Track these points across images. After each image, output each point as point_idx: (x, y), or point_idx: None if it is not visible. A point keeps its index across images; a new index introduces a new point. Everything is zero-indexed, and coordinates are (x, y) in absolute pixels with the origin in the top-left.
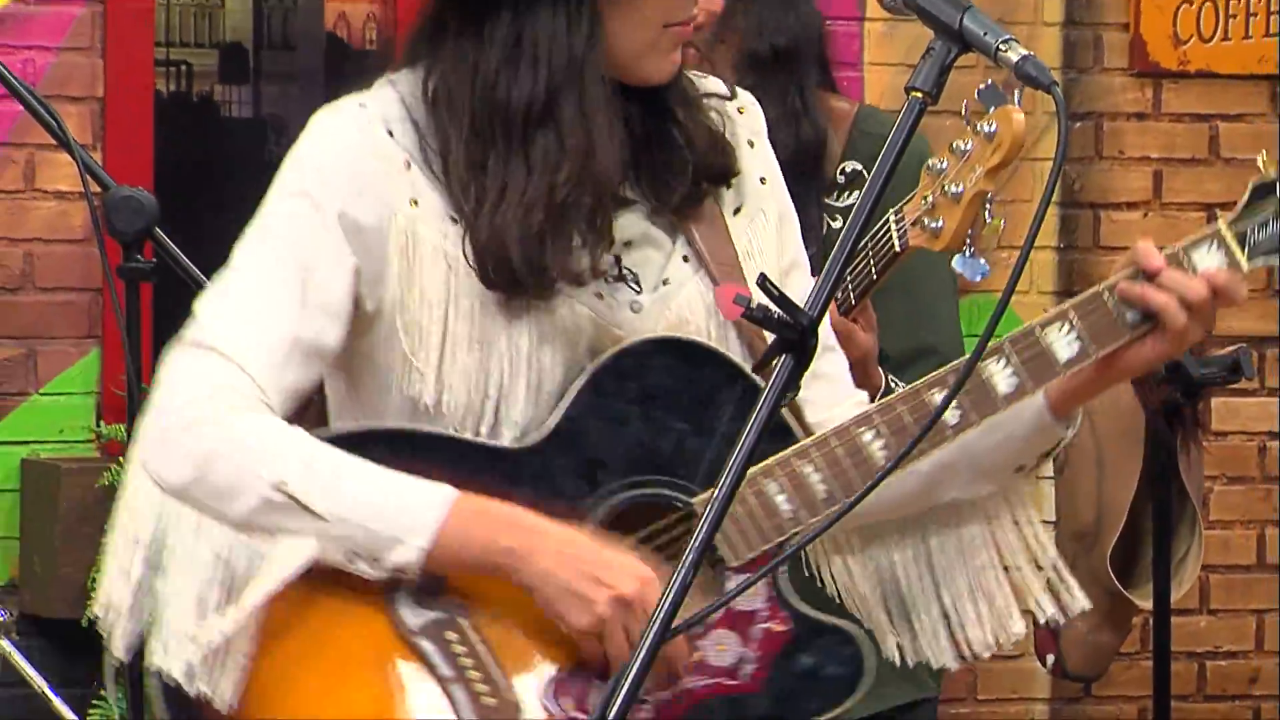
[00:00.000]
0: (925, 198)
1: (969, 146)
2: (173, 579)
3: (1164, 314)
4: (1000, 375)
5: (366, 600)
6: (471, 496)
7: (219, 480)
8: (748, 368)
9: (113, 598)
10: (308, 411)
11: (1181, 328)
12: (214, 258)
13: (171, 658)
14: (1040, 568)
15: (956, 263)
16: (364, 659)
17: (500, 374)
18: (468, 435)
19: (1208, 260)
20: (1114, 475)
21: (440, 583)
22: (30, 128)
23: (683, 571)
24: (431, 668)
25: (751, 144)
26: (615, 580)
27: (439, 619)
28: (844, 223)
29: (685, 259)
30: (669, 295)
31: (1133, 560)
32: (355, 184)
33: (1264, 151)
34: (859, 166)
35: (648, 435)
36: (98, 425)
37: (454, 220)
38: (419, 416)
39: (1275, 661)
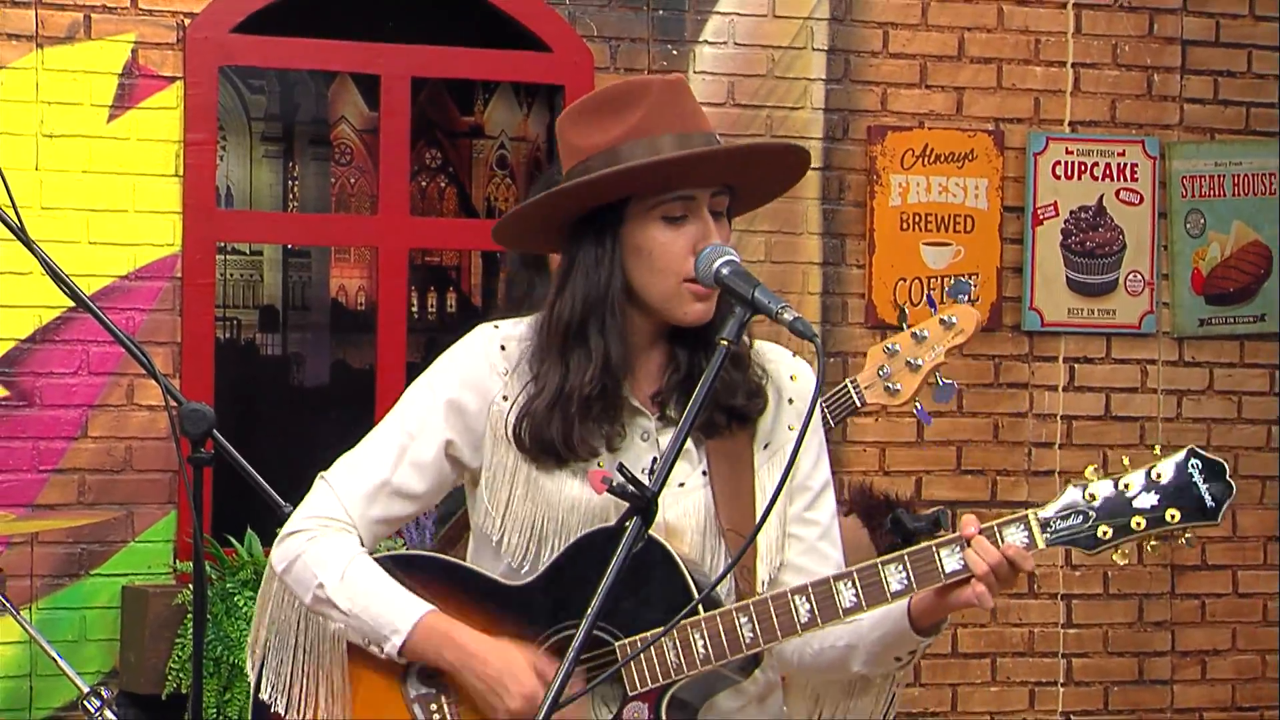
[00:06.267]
0: (881, 368)
1: (925, 333)
2: (278, 631)
3: (972, 569)
4: (845, 594)
5: (391, 671)
6: (440, 615)
7: (296, 574)
8: (686, 570)
9: (254, 642)
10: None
11: (981, 579)
12: (254, 451)
13: (267, 686)
14: None
15: (917, 411)
16: (380, 709)
17: (545, 527)
18: (487, 570)
19: (1014, 536)
20: None
21: (436, 671)
22: (130, 363)
23: (561, 676)
24: None
25: (791, 401)
26: (509, 694)
27: (428, 694)
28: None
29: (704, 474)
30: (679, 496)
31: None
32: (466, 382)
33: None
34: None
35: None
36: (174, 563)
37: None
38: (493, 545)
39: None
